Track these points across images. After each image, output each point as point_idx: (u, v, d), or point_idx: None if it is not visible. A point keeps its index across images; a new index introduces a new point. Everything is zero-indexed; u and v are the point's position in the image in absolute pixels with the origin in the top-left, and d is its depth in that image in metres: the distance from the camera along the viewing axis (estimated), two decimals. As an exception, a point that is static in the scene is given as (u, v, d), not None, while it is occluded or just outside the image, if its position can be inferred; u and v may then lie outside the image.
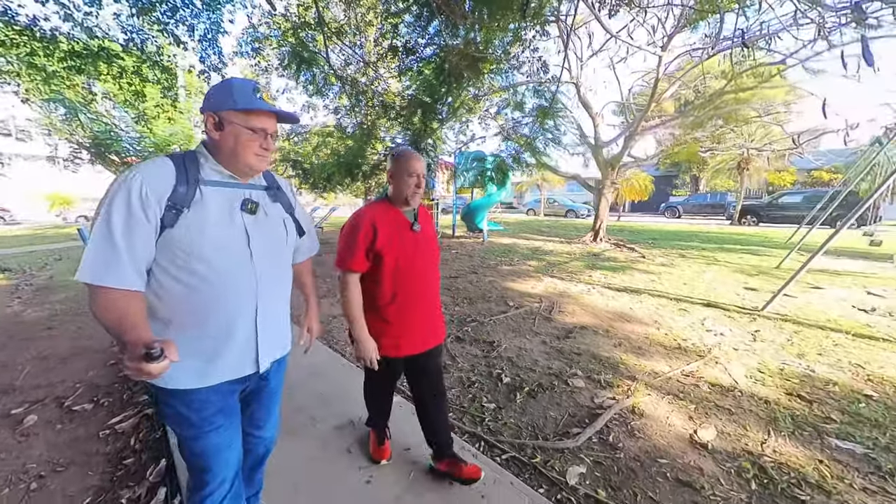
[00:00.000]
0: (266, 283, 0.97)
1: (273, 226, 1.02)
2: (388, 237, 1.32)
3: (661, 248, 8.49)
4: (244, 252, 0.93)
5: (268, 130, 0.94)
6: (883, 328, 3.36)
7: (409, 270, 1.36)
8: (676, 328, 3.40)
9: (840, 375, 2.48)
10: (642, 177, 15.28)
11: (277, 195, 1.06)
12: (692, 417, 2.04)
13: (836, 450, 1.77)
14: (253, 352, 0.97)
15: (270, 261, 0.99)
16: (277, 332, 1.05)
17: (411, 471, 1.60)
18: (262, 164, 0.96)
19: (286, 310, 1.10)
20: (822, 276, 5.56)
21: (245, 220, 0.94)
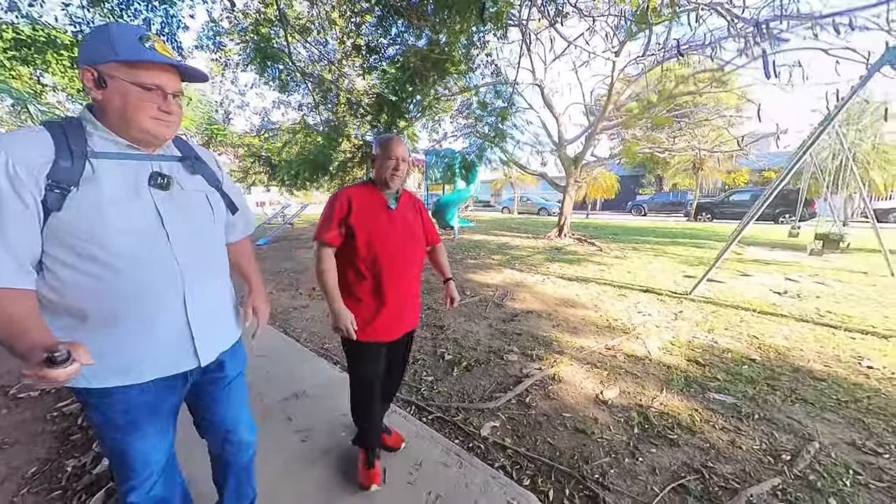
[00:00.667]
0: (193, 268, 0.85)
1: (194, 202, 0.89)
2: (362, 213, 1.33)
3: (619, 242, 9.02)
4: (158, 234, 0.80)
5: (165, 88, 0.78)
6: (786, 307, 3.84)
7: (382, 250, 1.34)
8: (612, 311, 3.74)
9: (736, 345, 2.87)
10: (608, 176, 16.04)
11: (196, 166, 0.92)
12: (602, 381, 2.33)
13: (712, 401, 2.10)
14: (189, 344, 0.87)
15: (195, 242, 0.87)
16: (217, 321, 0.95)
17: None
18: (163, 131, 0.81)
19: (226, 295, 0.99)
20: (753, 265, 6.14)
21: (155, 198, 0.81)
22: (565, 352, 2.76)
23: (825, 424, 1.87)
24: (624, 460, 1.63)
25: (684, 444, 1.73)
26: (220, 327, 0.96)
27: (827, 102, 4.55)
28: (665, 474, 1.55)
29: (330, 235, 1.32)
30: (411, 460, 1.59)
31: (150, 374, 0.84)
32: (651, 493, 1.45)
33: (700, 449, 1.70)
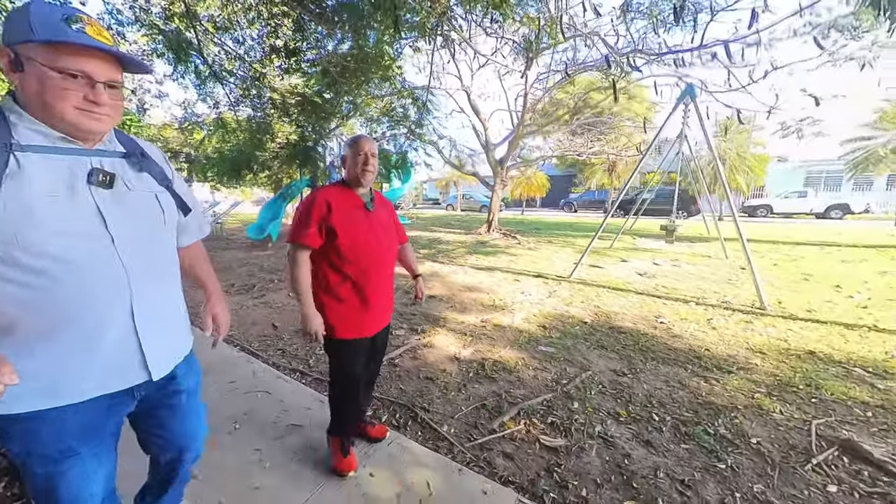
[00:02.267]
0: (142, 274, 0.78)
1: (142, 203, 0.81)
2: (343, 214, 1.32)
3: (539, 236, 10.08)
4: (101, 237, 0.72)
5: (94, 76, 0.69)
6: (636, 284, 4.82)
7: (363, 250, 1.36)
8: (502, 293, 4.42)
9: (580, 313, 3.65)
10: (539, 175, 17.50)
11: (144, 164, 0.84)
12: (465, 345, 2.91)
13: (538, 352, 2.77)
14: (137, 357, 0.79)
15: (144, 246, 0.80)
16: (169, 330, 0.87)
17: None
18: (91, 124, 0.71)
19: (178, 303, 0.92)
20: (635, 252, 7.35)
21: (96, 197, 0.73)
22: (446, 326, 3.32)
23: (604, 360, 2.62)
24: (450, 394, 2.19)
25: (500, 380, 2.34)
26: (173, 337, 0.89)
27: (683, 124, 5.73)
28: (474, 399, 2.12)
29: (308, 238, 1.30)
30: (280, 408, 1.98)
31: (91, 391, 0.74)
32: (457, 411, 2.01)
33: (509, 382, 2.32)
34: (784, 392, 2.19)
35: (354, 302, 1.38)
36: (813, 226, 12.86)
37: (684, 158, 7.71)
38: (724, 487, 1.49)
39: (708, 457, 1.65)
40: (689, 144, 6.29)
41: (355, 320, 1.39)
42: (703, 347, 2.83)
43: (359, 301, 1.38)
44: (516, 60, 6.91)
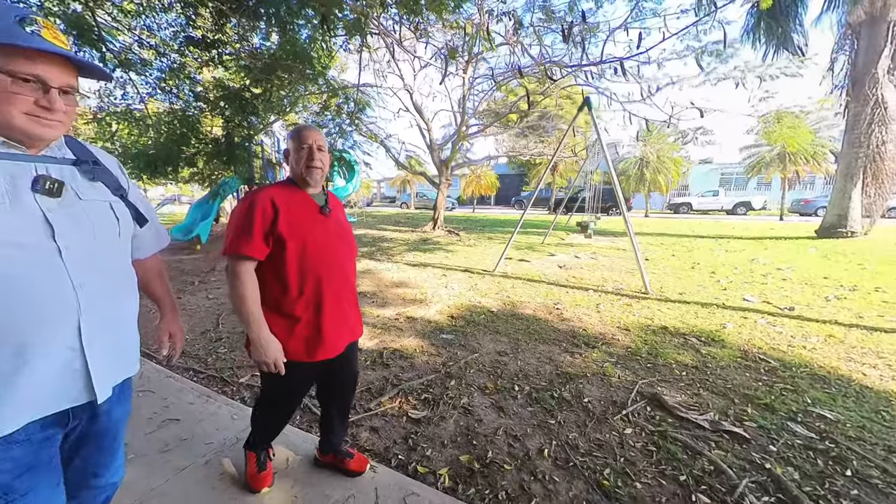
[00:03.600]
0: (93, 288, 0.73)
1: (94, 213, 0.77)
2: (292, 218, 1.14)
3: (481, 233, 10.52)
4: (47, 249, 0.68)
5: (49, 82, 0.66)
6: (552, 276, 5.30)
7: (319, 259, 1.18)
8: (427, 288, 4.64)
9: (491, 303, 3.98)
10: (489, 174, 18.16)
11: (96, 172, 0.80)
12: (372, 337, 3.08)
13: (438, 339, 3.01)
14: (80, 377, 0.72)
15: (96, 259, 0.75)
16: (119, 348, 0.81)
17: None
18: (41, 131, 0.69)
19: (131, 319, 0.86)
20: (563, 247, 7.98)
21: (43, 206, 0.69)
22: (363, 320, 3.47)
23: (494, 343, 2.93)
24: (341, 381, 2.35)
25: (393, 366, 2.54)
26: (123, 356, 0.84)
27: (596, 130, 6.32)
28: (362, 384, 2.30)
29: (251, 247, 1.09)
30: (162, 405, 2.02)
31: (25, 417, 0.68)
32: (341, 395, 2.18)
33: (401, 367, 2.53)
34: (629, 360, 2.62)
35: (309, 320, 1.18)
36: (719, 221, 14.72)
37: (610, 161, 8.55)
38: (547, 438, 1.80)
39: (544, 416, 1.98)
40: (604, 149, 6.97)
41: (310, 342, 1.19)
42: (582, 328, 3.25)
43: (315, 319, 1.19)
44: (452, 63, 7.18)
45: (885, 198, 7.73)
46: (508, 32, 6.52)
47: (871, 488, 1.51)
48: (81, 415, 0.78)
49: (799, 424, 1.90)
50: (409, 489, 1.44)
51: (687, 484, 1.52)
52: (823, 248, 7.27)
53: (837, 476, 1.57)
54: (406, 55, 9.13)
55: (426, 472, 1.57)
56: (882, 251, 6.77)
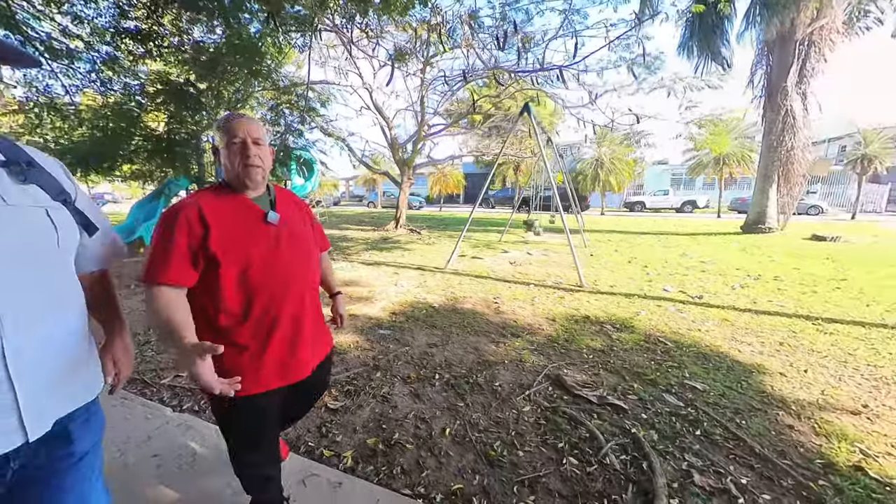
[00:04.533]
0: (18, 308, 0.64)
1: (24, 220, 0.68)
2: (228, 233, 0.96)
3: (442, 231, 10.72)
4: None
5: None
6: (500, 272, 5.55)
7: (267, 277, 0.99)
8: (377, 285, 4.73)
9: (435, 299, 4.14)
10: (455, 173, 18.43)
11: (31, 175, 0.71)
12: (310, 334, 3.14)
13: (376, 334, 3.13)
14: (11, 415, 0.62)
15: (23, 273, 0.65)
16: (59, 377, 0.70)
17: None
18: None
19: (75, 341, 0.75)
20: (519, 245, 8.31)
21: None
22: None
23: (427, 337, 3.09)
24: (268, 378, 2.41)
25: (324, 362, 2.63)
26: (64, 385, 0.71)
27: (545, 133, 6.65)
28: (289, 380, 2.38)
29: (170, 274, 0.91)
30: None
31: None
32: (265, 391, 2.25)
33: (333, 364, 2.62)
34: (546, 347, 2.87)
35: (258, 347, 1.01)
36: (666, 219, 15.86)
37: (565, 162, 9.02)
38: (452, 419, 1.98)
39: (456, 400, 2.16)
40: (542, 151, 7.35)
41: (263, 371, 1.02)
42: (514, 320, 3.49)
43: (264, 344, 1.01)
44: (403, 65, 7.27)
45: (796, 197, 8.73)
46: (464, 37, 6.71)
47: (711, 443, 1.81)
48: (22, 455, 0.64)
49: (672, 395, 2.21)
50: (310, 471, 1.55)
51: (563, 449, 1.75)
52: (745, 242, 8.10)
53: (688, 436, 1.86)
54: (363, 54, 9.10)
55: (331, 455, 1.69)
56: (790, 244, 7.66)
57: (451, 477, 1.59)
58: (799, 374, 2.48)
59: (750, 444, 1.77)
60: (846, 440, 1.81)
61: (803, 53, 7.92)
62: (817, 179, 18.53)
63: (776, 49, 8.24)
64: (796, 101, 8.02)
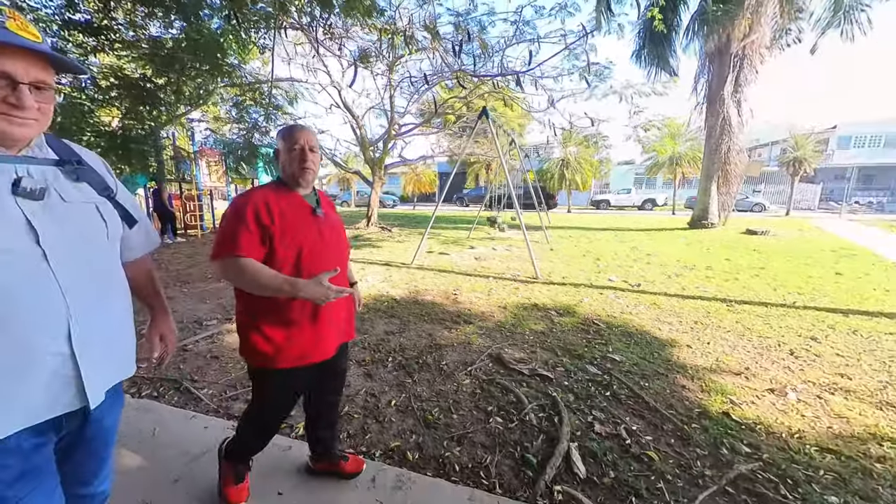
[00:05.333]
0: (82, 292, 0.72)
1: (80, 215, 0.75)
2: (287, 221, 1.13)
3: (413, 229, 10.92)
4: (32, 254, 0.66)
5: (16, 77, 0.64)
6: (462, 266, 5.84)
7: (315, 261, 1.16)
8: (342, 281, 4.88)
9: (398, 292, 4.36)
10: (427, 172, 18.66)
11: (81, 173, 0.78)
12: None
13: (336, 325, 3.31)
14: (71, 384, 0.71)
15: (84, 262, 0.74)
16: (111, 351, 0.80)
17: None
18: (11, 129, 0.67)
19: (124, 320, 0.85)
20: (485, 241, 8.65)
21: (25, 209, 0.67)
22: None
23: (385, 326, 3.30)
24: (227, 367, 2.54)
25: (284, 350, 2.79)
26: (116, 360, 0.82)
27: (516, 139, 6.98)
28: (248, 366, 2.52)
29: (244, 247, 1.07)
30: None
31: (18, 424, 0.66)
32: (225, 378, 2.39)
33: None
34: (494, 332, 3.16)
35: (305, 323, 1.17)
36: (626, 216, 16.81)
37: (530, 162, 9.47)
38: (399, 393, 2.21)
39: (405, 378, 2.39)
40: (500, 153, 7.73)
41: (305, 344, 1.18)
42: (469, 308, 3.77)
43: (311, 321, 1.18)
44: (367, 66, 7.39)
45: (734, 195, 9.63)
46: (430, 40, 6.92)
47: (616, 401, 2.15)
48: (74, 420, 0.76)
49: (593, 366, 2.55)
50: (263, 438, 1.74)
51: (491, 412, 2.03)
52: (690, 237, 8.86)
53: (599, 396, 2.19)
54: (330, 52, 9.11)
55: (284, 427, 1.88)
56: (727, 238, 8.47)
57: (391, 438, 1.82)
58: (703, 345, 2.91)
59: (647, 401, 2.13)
60: (722, 394, 2.21)
61: (738, 65, 8.75)
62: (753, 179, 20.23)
63: (716, 60, 9.05)
64: (732, 108, 8.86)
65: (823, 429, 1.90)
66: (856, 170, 25.93)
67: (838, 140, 25.82)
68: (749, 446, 1.77)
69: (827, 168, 25.82)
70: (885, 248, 7.10)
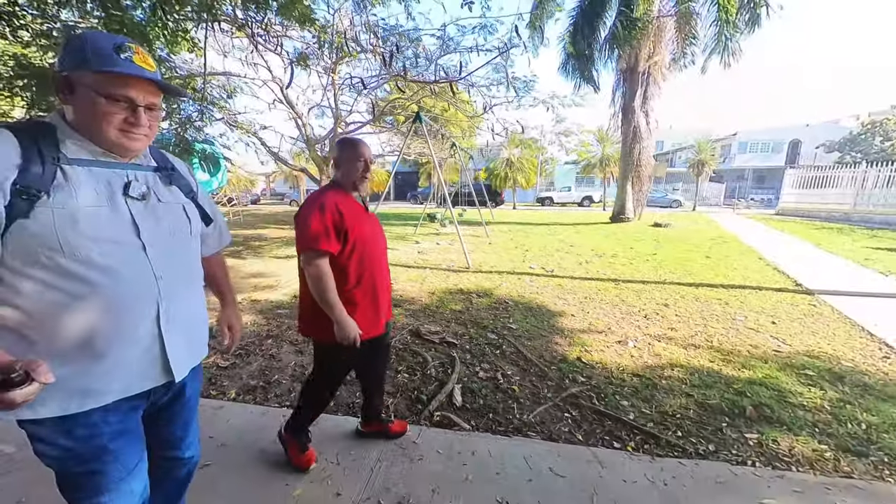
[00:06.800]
0: (170, 281, 0.84)
1: (171, 214, 0.89)
2: (351, 218, 1.35)
3: (364, 227, 11.13)
4: (134, 245, 0.79)
5: (136, 101, 0.77)
6: (406, 259, 6.27)
7: (370, 252, 1.41)
8: (284, 276, 5.06)
9: (337, 284, 4.68)
10: (381, 172, 18.78)
11: (173, 177, 0.92)
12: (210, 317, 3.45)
13: (273, 314, 3.57)
14: (158, 360, 0.83)
15: (173, 255, 0.86)
16: (191, 335, 0.92)
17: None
18: (130, 143, 0.80)
19: (201, 309, 0.98)
20: (431, 237, 9.14)
21: (132, 208, 0.80)
22: (202, 308, 3.77)
23: (321, 312, 3.63)
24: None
25: (220, 337, 3.03)
26: (195, 342, 0.95)
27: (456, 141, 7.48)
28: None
29: (330, 244, 1.30)
30: None
31: (117, 393, 0.79)
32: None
33: (227, 337, 3.04)
34: (418, 312, 3.65)
35: (367, 304, 1.42)
36: (563, 212, 18.36)
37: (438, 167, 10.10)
38: (325, 363, 2.60)
39: (332, 351, 2.78)
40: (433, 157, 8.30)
41: (368, 322, 1.42)
42: (401, 294, 4.22)
43: (371, 302, 1.44)
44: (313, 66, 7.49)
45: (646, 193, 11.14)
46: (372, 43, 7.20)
47: (502, 356, 2.73)
48: (160, 391, 0.89)
49: (493, 333, 3.14)
50: (198, 402, 2.04)
51: (400, 370, 2.50)
52: (609, 230, 10.13)
53: (490, 354, 2.76)
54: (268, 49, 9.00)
55: (217, 395, 2.19)
56: (637, 230, 9.83)
57: (312, 394, 2.22)
58: (583, 314, 3.64)
59: (525, 354, 2.74)
60: (582, 346, 2.89)
61: (645, 82, 10.15)
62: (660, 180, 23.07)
63: (628, 76, 10.40)
64: (641, 118, 10.27)
65: (641, 363, 2.64)
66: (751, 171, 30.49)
67: (738, 145, 30.17)
68: (585, 377, 2.43)
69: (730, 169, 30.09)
70: (749, 236, 8.77)
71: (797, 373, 2.48)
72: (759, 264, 5.88)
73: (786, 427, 1.94)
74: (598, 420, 2.01)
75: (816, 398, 2.19)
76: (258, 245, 7.82)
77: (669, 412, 2.06)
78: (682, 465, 1.66)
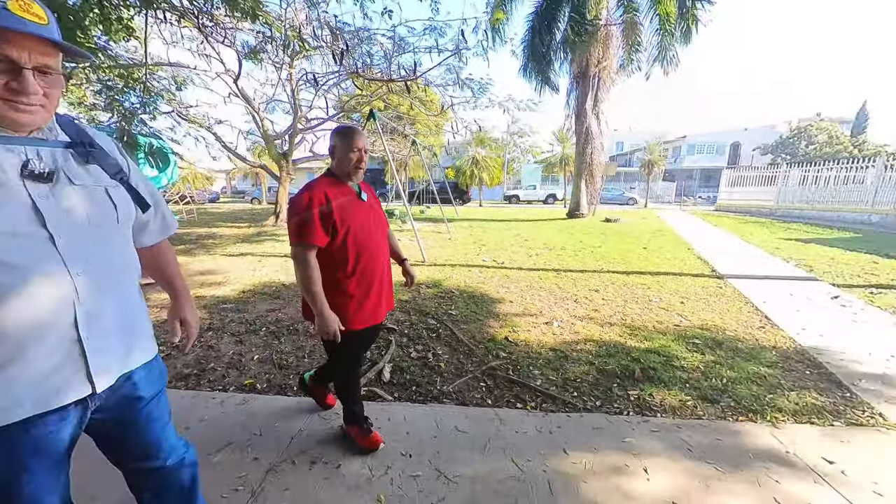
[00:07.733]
0: (90, 277, 0.71)
1: (89, 198, 0.74)
2: (341, 208, 1.34)
3: (327, 224, 11.03)
4: (38, 237, 0.65)
5: (19, 61, 0.61)
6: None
7: (365, 241, 1.40)
8: (233, 273, 5.00)
9: (289, 279, 4.70)
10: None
11: (92, 155, 0.76)
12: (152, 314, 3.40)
13: (218, 308, 3.58)
14: (80, 369, 0.70)
15: (92, 246, 0.73)
16: (123, 338, 0.79)
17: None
18: (18, 115, 0.64)
19: (135, 306, 0.84)
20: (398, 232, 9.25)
21: (32, 192, 0.66)
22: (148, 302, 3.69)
23: (267, 305, 3.68)
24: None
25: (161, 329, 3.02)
26: (126, 345, 0.80)
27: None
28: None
29: (316, 237, 1.30)
30: None
31: (29, 410, 0.66)
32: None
33: (166, 331, 3.04)
34: (365, 303, 3.79)
35: (361, 295, 1.42)
36: (526, 209, 19.05)
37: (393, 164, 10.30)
38: (263, 351, 2.69)
39: (272, 340, 2.87)
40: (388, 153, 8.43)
41: (366, 311, 1.45)
42: (351, 288, 4.33)
43: (367, 293, 1.43)
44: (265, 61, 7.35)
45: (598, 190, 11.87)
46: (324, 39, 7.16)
47: (437, 339, 2.95)
48: (102, 400, 0.77)
49: (433, 319, 3.35)
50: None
51: (337, 354, 2.65)
52: (563, 225, 10.71)
53: (426, 337, 2.97)
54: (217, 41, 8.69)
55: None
56: (589, 225, 10.48)
57: (246, 378, 2.32)
58: (521, 300, 3.94)
59: (458, 336, 2.97)
60: (511, 327, 3.17)
61: (596, 85, 10.81)
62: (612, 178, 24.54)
63: (581, 80, 11.01)
64: (593, 119, 10.93)
65: (560, 340, 2.95)
66: (699, 171, 32.99)
67: (687, 147, 32.55)
68: (507, 353, 2.70)
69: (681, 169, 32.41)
70: (685, 230, 9.64)
71: (687, 342, 2.89)
72: (687, 254, 6.52)
73: (663, 384, 2.29)
74: (509, 387, 2.27)
75: (696, 361, 2.58)
76: (211, 243, 7.58)
77: (572, 378, 2.36)
78: (568, 418, 1.94)
